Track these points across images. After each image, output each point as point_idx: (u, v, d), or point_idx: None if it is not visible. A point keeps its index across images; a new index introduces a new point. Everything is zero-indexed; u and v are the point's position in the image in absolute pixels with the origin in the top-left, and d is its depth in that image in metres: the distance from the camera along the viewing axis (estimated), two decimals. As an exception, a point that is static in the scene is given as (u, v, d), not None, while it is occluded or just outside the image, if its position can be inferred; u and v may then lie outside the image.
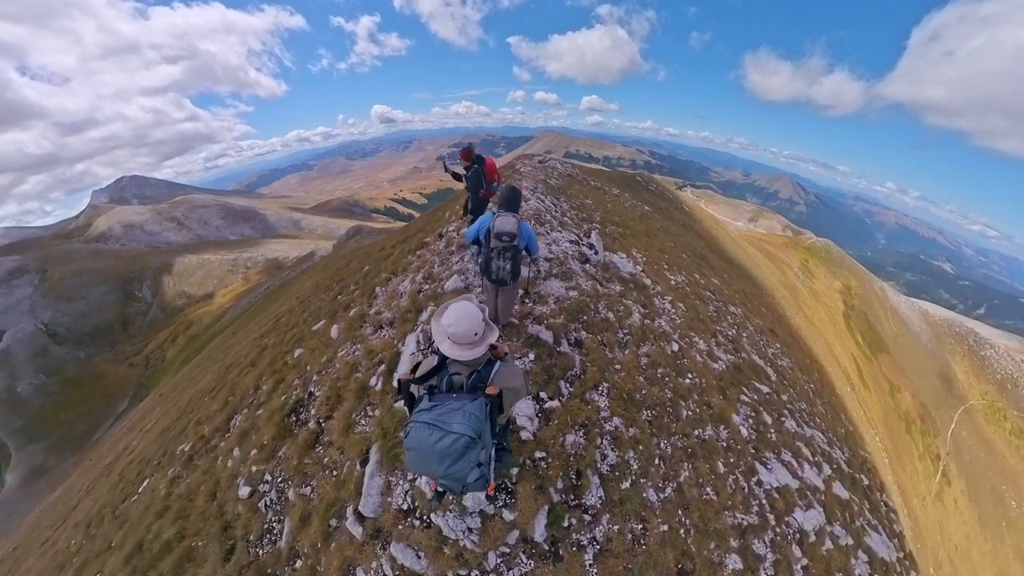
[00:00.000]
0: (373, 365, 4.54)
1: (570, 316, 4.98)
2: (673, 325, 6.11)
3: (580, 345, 4.66)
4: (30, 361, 51.24)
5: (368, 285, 6.96)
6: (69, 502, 9.71)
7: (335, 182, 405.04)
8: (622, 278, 6.70)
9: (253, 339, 10.38)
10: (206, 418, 6.08)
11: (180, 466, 5.17)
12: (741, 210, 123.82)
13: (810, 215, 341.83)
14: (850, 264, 54.26)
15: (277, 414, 4.60)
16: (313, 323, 6.96)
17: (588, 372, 4.30)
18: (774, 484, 4.38)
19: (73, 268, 63.67)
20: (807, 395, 8.35)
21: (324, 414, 4.28)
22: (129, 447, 9.59)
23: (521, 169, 13.24)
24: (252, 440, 4.61)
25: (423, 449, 1.82)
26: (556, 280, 5.68)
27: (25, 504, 31.25)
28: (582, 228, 8.45)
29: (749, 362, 6.66)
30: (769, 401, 5.83)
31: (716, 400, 4.92)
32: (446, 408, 1.87)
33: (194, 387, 10.18)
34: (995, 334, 56.40)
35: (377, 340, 4.98)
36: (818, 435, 6.33)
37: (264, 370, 6.22)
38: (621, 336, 5.14)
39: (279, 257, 65.99)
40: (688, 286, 8.68)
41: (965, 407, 40.63)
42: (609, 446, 3.71)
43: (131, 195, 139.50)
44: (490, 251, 3.69)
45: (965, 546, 28.07)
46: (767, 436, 4.97)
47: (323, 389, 4.61)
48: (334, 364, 4.97)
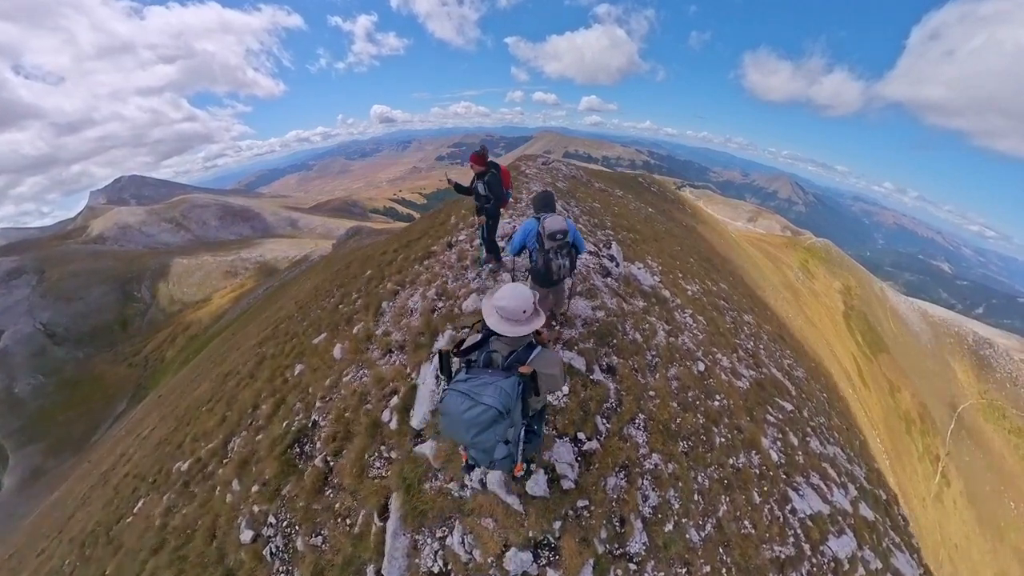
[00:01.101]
0: (384, 396, 4.22)
1: (599, 339, 4.84)
2: (696, 342, 6.06)
3: (612, 372, 4.55)
4: (28, 361, 51.01)
5: (372, 295, 6.72)
6: (66, 510, 9.60)
7: (334, 182, 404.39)
8: (644, 292, 6.61)
9: (252, 345, 10.23)
10: (203, 434, 5.88)
11: (176, 493, 4.92)
12: (740, 210, 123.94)
13: (809, 215, 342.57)
14: (850, 264, 54.35)
15: (279, 445, 4.31)
16: (313, 335, 6.71)
17: (624, 403, 4.17)
18: (807, 511, 4.37)
19: (71, 269, 63.40)
20: (823, 407, 8.35)
21: (332, 451, 3.98)
22: (126, 454, 9.48)
23: (527, 172, 13.09)
24: (252, 472, 4.32)
25: (454, 416, 1.92)
26: (581, 299, 5.47)
27: (23, 507, 31.04)
28: (596, 235, 8.33)
29: (770, 377, 6.69)
30: (793, 420, 5.84)
31: (745, 423, 4.90)
32: (480, 381, 1.95)
33: (192, 394, 10.05)
34: (994, 333, 56.61)
35: (387, 367, 4.66)
36: (839, 452, 6.31)
37: (263, 386, 5.98)
38: (650, 358, 5.05)
39: (278, 257, 65.81)
40: (704, 295, 8.68)
41: (964, 406, 40.76)
42: (650, 486, 3.60)
43: (129, 195, 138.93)
44: (546, 253, 3.74)
45: (965, 546, 28.15)
46: (795, 459, 4.97)
47: (329, 420, 4.34)
48: (339, 390, 4.71)
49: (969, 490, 32.47)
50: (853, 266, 54.44)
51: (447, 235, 7.89)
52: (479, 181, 5.15)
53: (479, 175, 5.16)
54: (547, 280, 3.94)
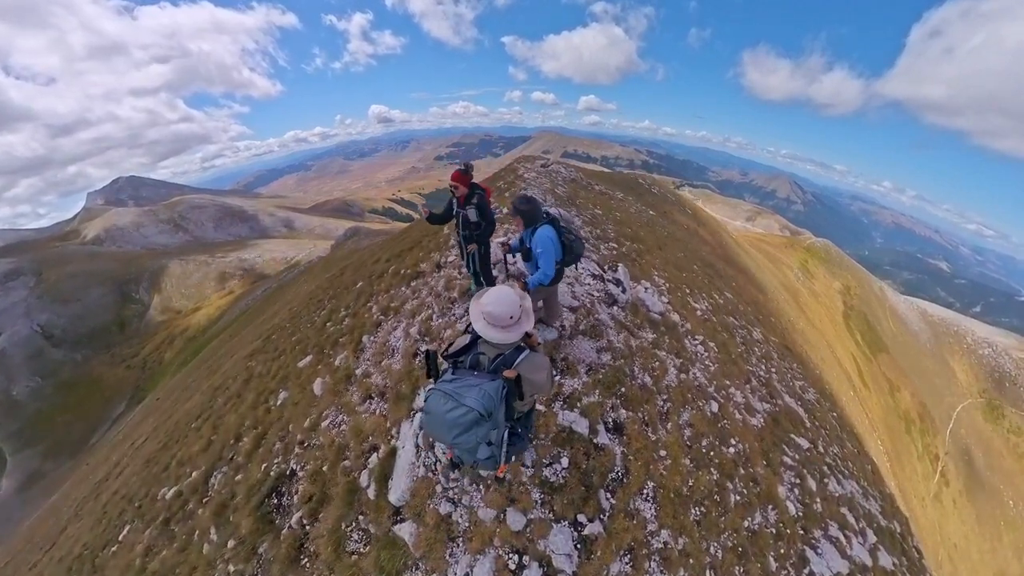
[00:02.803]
0: (363, 453, 3.96)
1: (606, 390, 4.34)
2: (708, 375, 5.77)
3: (620, 430, 4.11)
4: (26, 364, 50.80)
5: (358, 317, 6.45)
6: (60, 518, 9.55)
7: (333, 182, 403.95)
8: (652, 321, 6.17)
9: (243, 356, 10.11)
10: (188, 458, 5.77)
11: (157, 529, 4.76)
12: (739, 209, 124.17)
13: (807, 214, 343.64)
14: (849, 264, 54.45)
15: (256, 494, 4.12)
16: (299, 356, 6.52)
17: (631, 471, 3.79)
18: (826, 573, 4.13)
19: (69, 270, 63.15)
20: (836, 432, 8.13)
21: (308, 512, 3.74)
22: (120, 463, 9.42)
23: (525, 176, 12.74)
24: (230, 522, 4.12)
25: (436, 415, 1.93)
26: (585, 339, 4.90)
27: (21, 510, 30.95)
28: (600, 251, 8.01)
29: (784, 409, 6.48)
30: (810, 459, 5.65)
31: (761, 471, 4.66)
32: (465, 383, 1.96)
33: (183, 406, 9.93)
34: (992, 332, 56.73)
35: (367, 415, 4.40)
36: (855, 488, 6.09)
37: (247, 412, 5.86)
38: (661, 404, 4.66)
39: (276, 258, 65.66)
40: (712, 313, 8.41)
41: (963, 405, 40.88)
42: (658, 568, 3.26)
43: (127, 196, 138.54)
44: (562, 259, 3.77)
45: (964, 545, 28.22)
46: (813, 508, 4.74)
47: (306, 471, 4.14)
48: (318, 435, 4.48)
49: (968, 489, 32.58)
50: (852, 266, 54.55)
51: (438, 250, 7.51)
52: (469, 206, 4.35)
53: (464, 198, 4.36)
54: (556, 281, 3.94)
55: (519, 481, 3.36)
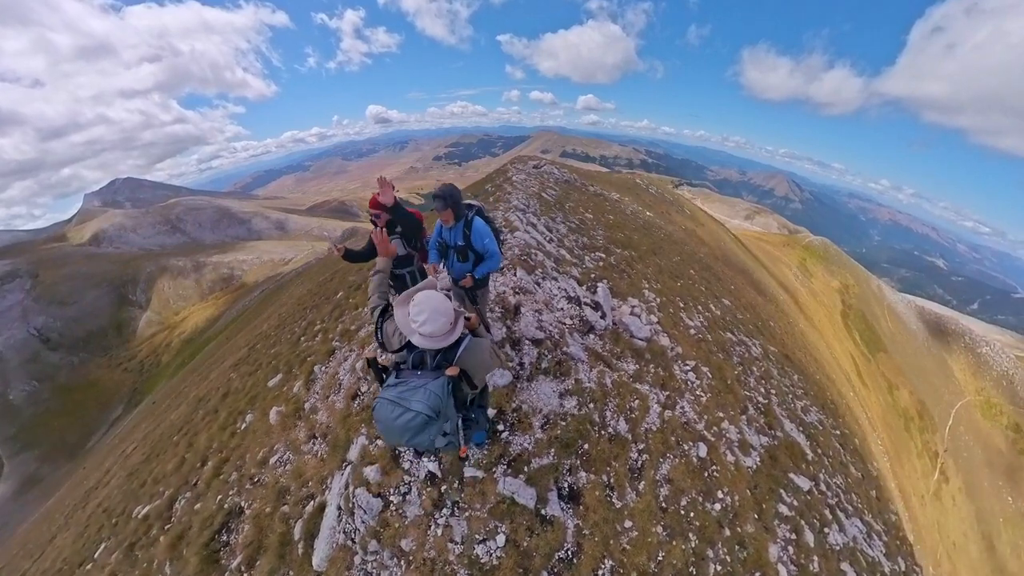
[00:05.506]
0: (301, 501, 3.76)
1: (563, 449, 3.70)
2: (699, 408, 5.25)
3: (576, 499, 3.44)
4: (22, 367, 50.59)
5: (325, 336, 6.29)
6: (51, 527, 9.45)
7: (331, 183, 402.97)
8: (636, 349, 5.50)
9: (229, 366, 9.96)
10: (163, 476, 5.64)
11: (123, 553, 4.59)
12: (737, 208, 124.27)
13: (805, 212, 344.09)
14: (847, 262, 54.47)
15: (207, 528, 3.97)
16: (272, 374, 6.30)
17: (585, 548, 3.16)
18: None
19: (65, 272, 62.88)
20: (839, 457, 7.66)
21: (246, 559, 3.54)
22: (110, 471, 9.31)
23: (514, 178, 12.26)
24: (182, 557, 3.94)
25: (387, 423, 1.91)
26: (547, 380, 4.26)
27: (18, 514, 30.78)
28: (584, 263, 7.48)
29: (784, 441, 5.98)
30: (810, 504, 5.15)
31: (750, 528, 4.14)
32: (409, 386, 1.94)
33: (170, 415, 9.79)
34: (990, 329, 56.88)
35: (309, 456, 4.19)
36: (858, 530, 5.67)
37: (216, 433, 5.69)
38: (635, 458, 4.06)
39: (275, 259, 65.46)
40: (708, 330, 7.84)
41: (962, 403, 40.90)
42: None
43: (124, 198, 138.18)
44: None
45: (963, 543, 28.21)
46: (809, 570, 4.24)
47: (252, 511, 3.97)
48: (266, 472, 4.29)
49: (967, 486, 32.58)
50: (851, 264, 54.57)
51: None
52: (393, 237, 3.62)
53: (389, 224, 3.55)
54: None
55: (445, 560, 2.97)
